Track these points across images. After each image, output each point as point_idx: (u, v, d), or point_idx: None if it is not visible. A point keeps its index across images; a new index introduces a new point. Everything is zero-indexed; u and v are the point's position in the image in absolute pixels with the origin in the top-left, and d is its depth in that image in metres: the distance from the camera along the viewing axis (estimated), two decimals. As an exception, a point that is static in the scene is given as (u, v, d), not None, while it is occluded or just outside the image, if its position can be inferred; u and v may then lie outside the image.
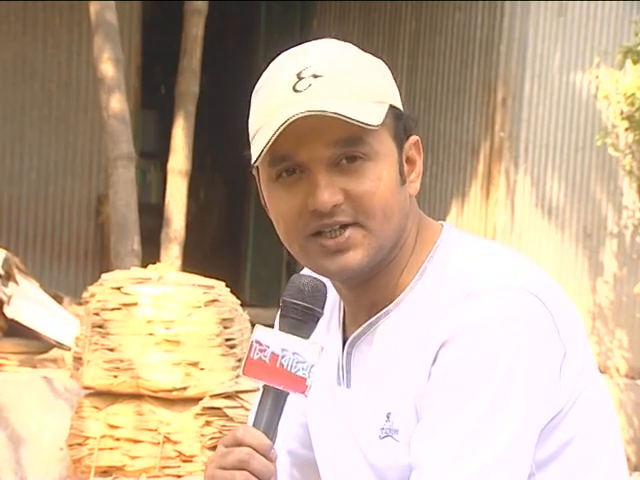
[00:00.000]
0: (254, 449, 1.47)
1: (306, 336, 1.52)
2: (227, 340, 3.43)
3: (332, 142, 1.50)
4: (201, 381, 3.37)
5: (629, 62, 5.73)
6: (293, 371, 1.51)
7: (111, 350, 3.39)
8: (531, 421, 1.48)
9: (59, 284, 5.87)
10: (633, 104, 5.63)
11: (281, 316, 1.53)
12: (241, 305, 3.64)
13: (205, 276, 3.68)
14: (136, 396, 3.34)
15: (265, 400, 1.51)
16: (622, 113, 5.72)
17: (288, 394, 1.50)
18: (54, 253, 6.76)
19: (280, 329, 1.51)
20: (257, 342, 1.50)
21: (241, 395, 3.34)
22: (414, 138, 1.56)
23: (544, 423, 1.50)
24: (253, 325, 3.74)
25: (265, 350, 1.51)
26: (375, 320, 1.60)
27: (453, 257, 1.58)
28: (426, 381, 1.49)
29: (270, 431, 1.51)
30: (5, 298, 5.14)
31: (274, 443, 1.50)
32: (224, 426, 3.25)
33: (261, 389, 1.52)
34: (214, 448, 3.18)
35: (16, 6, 6.65)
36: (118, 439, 3.32)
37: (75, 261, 6.74)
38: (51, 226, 6.84)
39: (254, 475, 1.46)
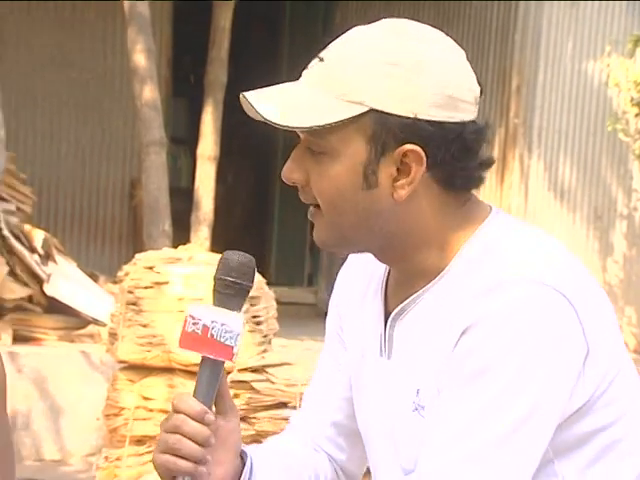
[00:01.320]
0: (187, 415, 1.52)
1: (235, 308, 1.56)
2: (253, 317, 3.42)
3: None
4: (229, 356, 3.36)
5: (638, 51, 5.73)
6: (222, 340, 1.55)
7: (144, 326, 3.39)
8: (542, 412, 1.45)
9: (95, 264, 5.90)
10: (641, 90, 5.66)
11: (213, 291, 1.57)
12: (267, 284, 3.63)
13: (233, 255, 3.66)
14: (168, 370, 3.35)
15: (203, 370, 1.58)
16: (632, 100, 5.71)
17: (223, 363, 1.56)
18: (90, 234, 6.79)
19: (213, 304, 1.55)
20: (190, 316, 1.54)
21: (267, 369, 3.35)
22: (408, 147, 1.47)
23: (561, 415, 1.47)
24: (278, 303, 3.77)
25: (198, 323, 1.56)
26: (416, 297, 1.57)
27: (491, 244, 1.54)
28: (447, 364, 1.48)
29: (207, 398, 1.56)
30: (45, 277, 5.17)
31: (211, 408, 1.55)
32: (251, 398, 3.25)
33: (200, 360, 1.57)
34: (242, 419, 3.19)
35: (55, 1, 6.67)
36: (151, 410, 3.32)
37: (110, 242, 6.77)
38: (87, 209, 6.87)
39: (187, 438, 1.51)
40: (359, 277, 1.69)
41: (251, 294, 3.81)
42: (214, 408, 1.59)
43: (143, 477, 3.16)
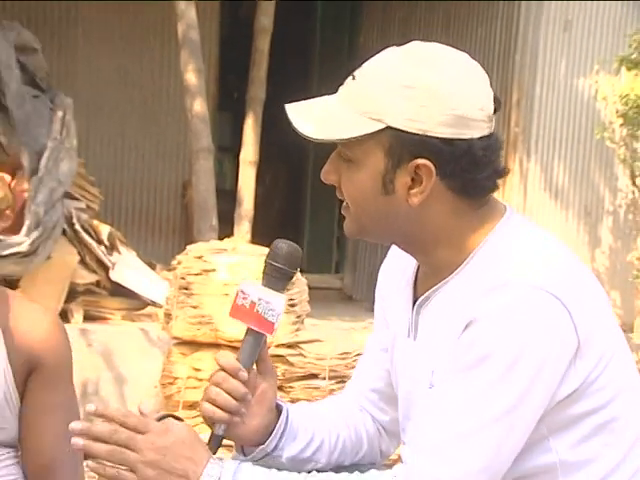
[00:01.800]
0: (225, 370, 1.59)
1: (280, 290, 1.61)
2: (289, 300, 3.43)
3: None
4: (268, 333, 3.37)
5: (623, 69, 5.69)
6: (265, 316, 1.60)
7: (194, 307, 3.41)
8: (530, 399, 1.44)
9: (152, 254, 5.91)
10: (627, 104, 5.58)
11: (263, 273, 1.62)
12: (300, 272, 3.64)
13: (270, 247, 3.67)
14: (215, 345, 3.36)
15: (246, 338, 1.63)
16: (617, 111, 5.68)
17: (264, 335, 1.61)
18: (148, 229, 6.81)
19: (262, 284, 1.60)
20: (242, 292, 1.60)
21: (300, 345, 3.36)
22: (418, 162, 1.48)
23: (549, 401, 1.46)
24: (309, 288, 3.77)
25: (247, 298, 1.60)
26: (437, 288, 1.58)
27: (501, 245, 1.54)
28: (452, 351, 1.48)
29: (247, 361, 1.62)
30: (110, 265, 5.19)
31: (250, 371, 1.61)
32: (286, 370, 3.27)
33: (245, 331, 1.62)
34: (279, 388, 3.19)
35: (120, 27, 6.69)
36: (200, 380, 3.34)
37: (165, 235, 6.79)
38: (146, 207, 6.89)
39: (226, 392, 1.58)
40: (396, 269, 1.70)
41: (286, 280, 3.74)
42: (255, 369, 1.65)
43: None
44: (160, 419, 1.59)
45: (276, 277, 1.62)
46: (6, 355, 1.84)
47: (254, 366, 1.66)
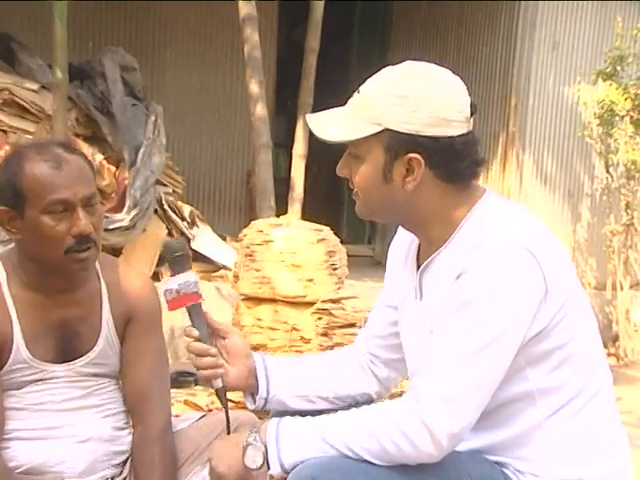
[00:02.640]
0: (188, 336, 1.66)
1: (185, 270, 1.64)
2: (331, 265, 3.42)
3: None
4: (315, 291, 3.37)
5: (600, 80, 5.62)
6: (190, 292, 1.63)
7: (257, 270, 3.41)
8: (509, 332, 1.43)
9: (224, 228, 5.94)
10: (602, 108, 5.53)
11: (168, 267, 1.67)
12: (340, 242, 3.62)
13: (317, 223, 3.67)
14: (273, 300, 3.37)
15: (190, 314, 1.66)
16: (595, 114, 5.62)
17: (199, 304, 1.64)
18: (220, 208, 6.85)
19: (170, 275, 1.64)
20: (165, 292, 1.63)
21: (341, 300, 3.35)
22: (410, 156, 1.49)
23: (524, 335, 1.46)
24: (348, 255, 3.73)
25: (171, 292, 1.62)
26: (433, 257, 1.59)
27: (483, 216, 1.55)
28: (446, 300, 1.48)
29: (200, 329, 1.66)
30: (191, 237, 5.23)
31: (208, 335, 1.66)
32: (330, 320, 3.27)
33: (187, 312, 1.65)
34: (324, 334, 3.20)
35: (199, 50, 6.72)
36: (262, 327, 3.34)
37: (233, 213, 6.82)
38: (219, 191, 6.93)
39: (196, 354, 1.65)
40: (404, 243, 1.70)
41: (329, 249, 3.81)
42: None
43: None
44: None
45: (175, 264, 1.64)
46: (109, 308, 1.85)
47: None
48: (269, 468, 1.49)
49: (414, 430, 1.41)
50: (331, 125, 1.52)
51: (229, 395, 1.69)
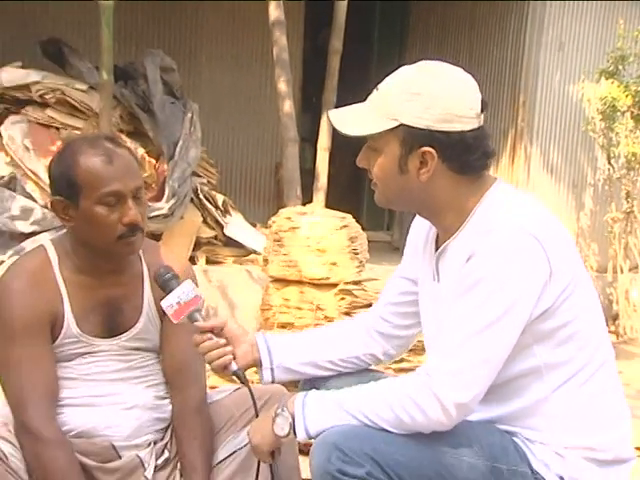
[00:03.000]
0: (198, 343, 1.67)
1: (177, 284, 1.65)
2: (353, 250, 3.42)
3: None
4: (338, 274, 3.37)
5: (603, 78, 5.54)
6: (189, 298, 1.64)
7: (284, 255, 3.41)
8: (515, 311, 1.42)
9: (254, 216, 5.95)
10: (605, 104, 5.45)
11: (162, 289, 1.67)
12: (362, 229, 3.61)
13: (340, 211, 3.66)
14: (300, 282, 3.37)
15: (193, 321, 1.66)
16: (598, 110, 5.54)
17: (200, 304, 1.64)
18: (251, 197, 6.86)
19: (166, 293, 1.65)
20: (166, 308, 1.65)
21: (362, 282, 3.35)
22: (424, 149, 1.47)
23: (530, 314, 1.47)
24: (368, 241, 3.69)
25: (172, 307, 1.64)
26: (448, 242, 1.58)
27: (492, 204, 1.55)
28: (457, 281, 1.48)
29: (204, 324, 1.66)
30: (224, 224, 5.23)
31: (205, 327, 1.66)
32: (352, 300, 3.26)
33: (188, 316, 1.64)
34: (346, 314, 3.19)
35: (231, 52, 6.71)
36: (289, 307, 3.35)
37: (263, 202, 6.82)
38: (249, 181, 6.93)
39: (206, 352, 1.67)
40: (425, 226, 1.69)
41: (351, 235, 3.79)
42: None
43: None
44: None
45: (168, 284, 1.66)
46: (150, 288, 1.86)
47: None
48: (296, 435, 1.50)
49: (425, 400, 1.42)
50: (351, 120, 1.52)
51: (250, 377, 1.71)
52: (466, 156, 1.49)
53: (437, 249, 1.59)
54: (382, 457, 1.42)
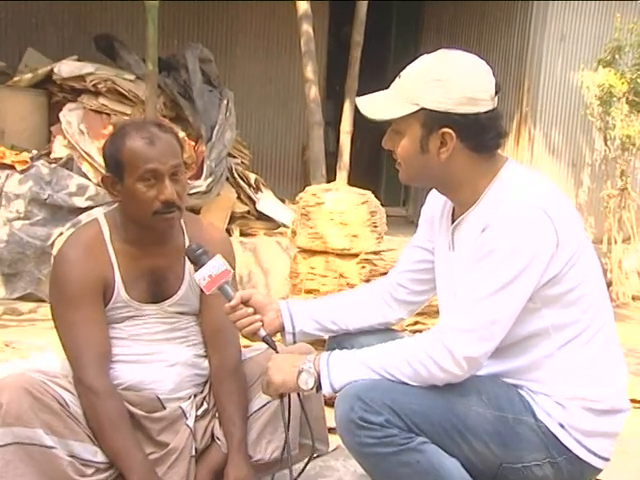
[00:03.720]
0: (231, 310, 1.65)
1: (208, 260, 1.62)
2: (373, 223, 3.39)
3: None
4: (359, 245, 3.35)
5: (600, 67, 5.45)
6: (220, 271, 1.61)
7: (310, 227, 3.39)
8: (526, 276, 1.40)
9: (283, 193, 5.94)
10: (602, 91, 5.36)
11: (193, 263, 1.64)
12: (380, 204, 3.58)
13: (360, 188, 3.63)
14: (325, 252, 3.35)
15: (224, 289, 1.64)
16: (596, 96, 5.45)
17: (230, 277, 1.62)
18: (281, 176, 6.84)
19: (195, 270, 1.62)
20: (199, 280, 1.62)
21: (380, 252, 3.32)
22: (445, 130, 1.45)
23: (541, 279, 1.45)
24: (387, 216, 3.64)
25: (205, 279, 1.61)
26: (464, 216, 1.56)
27: (505, 181, 1.53)
28: (472, 251, 1.46)
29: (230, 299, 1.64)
30: (256, 200, 5.23)
31: (235, 299, 1.64)
32: (372, 269, 3.24)
33: (219, 287, 1.62)
34: (367, 281, 3.18)
35: (263, 45, 6.66)
36: (315, 275, 3.34)
37: (291, 181, 6.81)
38: (279, 162, 6.91)
39: (237, 319, 1.65)
40: (440, 200, 1.68)
41: (371, 209, 3.73)
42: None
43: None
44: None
45: (200, 259, 1.63)
46: (191, 258, 1.84)
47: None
48: (319, 389, 1.50)
49: (438, 354, 1.42)
50: (376, 106, 1.50)
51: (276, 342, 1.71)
52: (482, 136, 1.47)
53: (453, 222, 1.57)
54: (399, 406, 1.42)
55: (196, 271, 1.64)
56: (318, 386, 1.50)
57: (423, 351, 1.43)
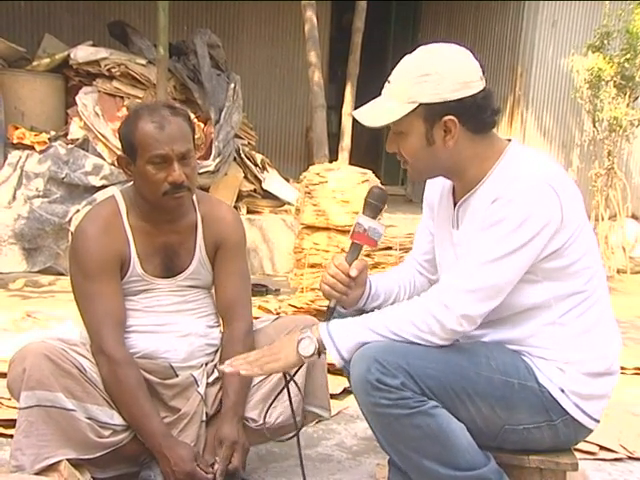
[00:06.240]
0: (341, 270, 1.57)
1: (377, 217, 1.56)
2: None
3: None
4: (360, 221, 3.33)
5: (590, 52, 5.37)
6: (371, 237, 1.55)
7: (314, 205, 3.39)
8: (529, 246, 1.39)
9: (288, 172, 5.93)
10: (592, 74, 5.30)
11: (364, 207, 1.56)
12: (380, 183, 3.57)
13: (361, 167, 3.61)
14: (327, 228, 3.35)
15: (355, 248, 1.57)
16: (585, 80, 5.38)
17: (363, 246, 1.55)
18: (286, 156, 6.81)
19: (364, 214, 1.55)
20: (358, 224, 1.55)
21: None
22: (446, 118, 1.43)
23: (542, 252, 1.43)
24: (387, 194, 3.60)
25: (361, 227, 1.54)
26: (468, 196, 1.55)
27: (512, 159, 1.52)
28: (481, 220, 1.45)
29: (352, 261, 1.57)
30: (262, 179, 5.21)
31: (352, 266, 1.57)
32: (371, 245, 3.24)
33: (351, 242, 1.56)
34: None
35: (269, 31, 6.60)
36: (318, 250, 3.33)
37: (295, 160, 6.78)
38: (284, 143, 6.87)
39: (338, 281, 1.55)
40: (438, 184, 1.68)
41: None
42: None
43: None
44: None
45: (372, 209, 1.57)
46: (202, 235, 1.85)
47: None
48: (319, 356, 1.49)
49: (437, 308, 1.42)
50: (375, 114, 1.48)
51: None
52: (480, 115, 1.46)
53: (455, 200, 1.57)
54: (415, 370, 1.41)
55: (364, 214, 1.60)
56: (318, 352, 1.49)
57: (423, 307, 1.43)
